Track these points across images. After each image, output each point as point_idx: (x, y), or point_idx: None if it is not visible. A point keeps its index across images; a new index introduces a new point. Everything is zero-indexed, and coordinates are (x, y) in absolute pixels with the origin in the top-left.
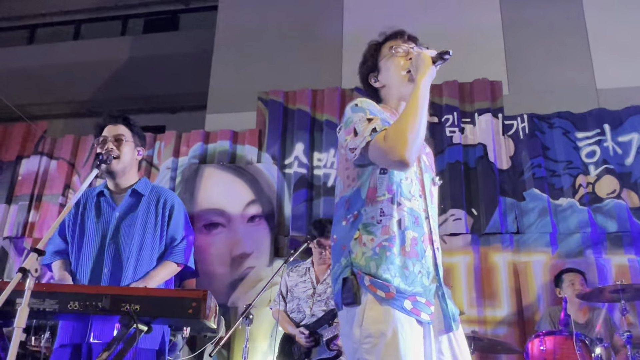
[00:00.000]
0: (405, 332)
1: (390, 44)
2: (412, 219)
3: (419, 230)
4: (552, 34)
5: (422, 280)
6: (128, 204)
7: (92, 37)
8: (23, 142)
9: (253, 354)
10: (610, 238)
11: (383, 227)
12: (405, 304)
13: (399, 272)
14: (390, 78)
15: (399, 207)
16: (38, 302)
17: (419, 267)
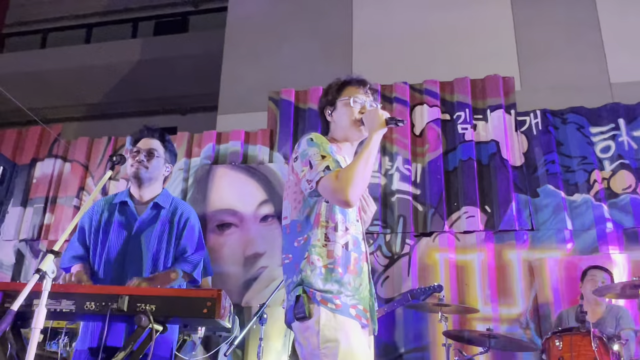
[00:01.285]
0: (355, 335)
1: (352, 90)
2: (354, 240)
3: (358, 251)
4: (564, 28)
5: (362, 292)
6: (149, 215)
7: (103, 40)
8: (37, 145)
9: (267, 353)
10: (627, 234)
11: (328, 251)
12: (350, 311)
13: (344, 287)
14: (342, 120)
15: (346, 232)
16: (55, 303)
17: (359, 282)
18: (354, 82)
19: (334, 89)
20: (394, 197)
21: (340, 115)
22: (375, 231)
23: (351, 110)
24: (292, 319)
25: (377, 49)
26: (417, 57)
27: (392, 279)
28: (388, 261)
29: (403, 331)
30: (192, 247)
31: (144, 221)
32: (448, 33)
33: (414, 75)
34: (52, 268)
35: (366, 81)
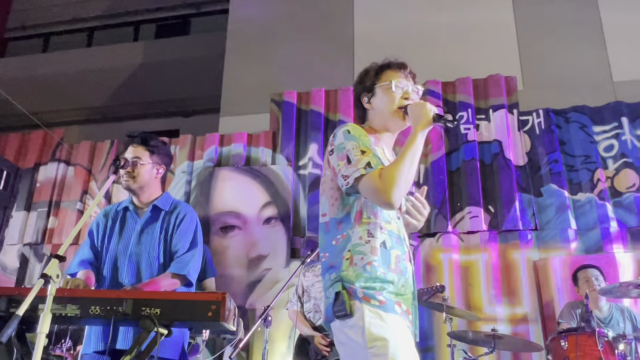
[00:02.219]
0: (403, 332)
1: (392, 74)
2: (394, 239)
3: (401, 249)
4: (566, 27)
5: (406, 292)
6: (149, 218)
7: (105, 44)
8: (40, 149)
9: (272, 355)
10: (631, 232)
11: (372, 248)
12: (396, 308)
13: (387, 286)
14: (382, 108)
15: (382, 230)
16: (60, 307)
17: (403, 282)
18: (393, 66)
19: (372, 73)
20: None
21: (380, 102)
22: None
23: (393, 96)
24: (332, 318)
25: (379, 50)
26: (419, 57)
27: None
28: None
29: None
30: (185, 246)
31: (144, 223)
32: (450, 33)
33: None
34: (56, 273)
35: (406, 64)
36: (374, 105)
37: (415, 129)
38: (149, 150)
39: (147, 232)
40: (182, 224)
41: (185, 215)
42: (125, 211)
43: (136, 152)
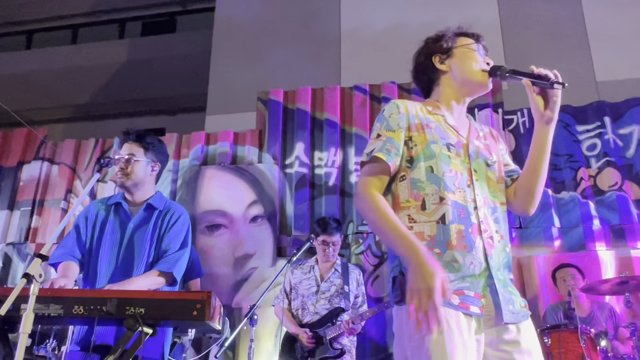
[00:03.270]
0: (451, 328)
1: (471, 40)
2: (457, 211)
3: (465, 222)
4: (550, 27)
5: (474, 271)
6: (142, 216)
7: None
8: (24, 147)
9: (258, 354)
10: (614, 230)
11: (416, 234)
12: (452, 300)
13: (448, 267)
14: (463, 67)
15: (441, 203)
16: (43, 307)
17: (470, 259)
18: (470, 35)
19: (450, 35)
20: None
21: (461, 63)
22: (365, 230)
23: (476, 57)
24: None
25: (366, 49)
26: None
27: (382, 278)
28: (378, 260)
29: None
30: (175, 246)
31: (137, 222)
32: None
33: (402, 75)
34: (39, 272)
35: (482, 36)
36: (451, 66)
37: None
38: (143, 147)
39: (140, 230)
40: (175, 225)
41: (180, 216)
42: (118, 207)
43: (131, 148)
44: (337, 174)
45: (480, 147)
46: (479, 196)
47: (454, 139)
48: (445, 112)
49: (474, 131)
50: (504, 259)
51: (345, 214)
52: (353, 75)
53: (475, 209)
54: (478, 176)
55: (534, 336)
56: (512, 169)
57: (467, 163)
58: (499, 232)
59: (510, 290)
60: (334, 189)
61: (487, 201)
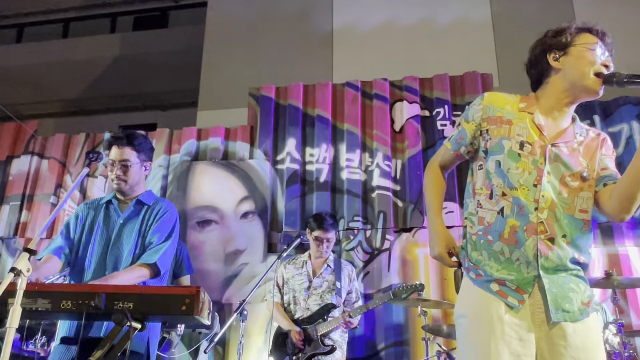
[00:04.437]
0: (490, 313)
1: (592, 38)
2: (517, 208)
3: (522, 219)
4: (541, 24)
5: (520, 268)
6: (131, 212)
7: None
8: (13, 141)
9: (248, 349)
10: (602, 228)
11: (479, 218)
12: (492, 286)
13: (494, 256)
14: (576, 68)
15: (503, 197)
16: (30, 302)
17: (517, 255)
18: (594, 31)
19: (572, 30)
20: (374, 193)
21: (576, 63)
22: (356, 227)
23: (593, 59)
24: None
25: (357, 46)
26: (397, 53)
27: (372, 275)
28: (368, 257)
29: (383, 326)
30: (160, 238)
31: (126, 217)
32: (427, 30)
33: (394, 72)
34: (27, 266)
35: (608, 34)
36: (564, 64)
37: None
38: (136, 150)
39: (129, 225)
40: (161, 218)
41: (167, 211)
42: (108, 204)
43: (124, 153)
44: (328, 170)
45: (564, 152)
46: (544, 197)
47: (534, 138)
48: (539, 110)
49: (569, 135)
50: (570, 262)
51: (336, 210)
52: (345, 71)
53: (536, 209)
54: (550, 178)
55: (592, 334)
56: (607, 174)
57: (541, 164)
58: (567, 238)
59: (572, 287)
60: (325, 185)
61: (557, 205)
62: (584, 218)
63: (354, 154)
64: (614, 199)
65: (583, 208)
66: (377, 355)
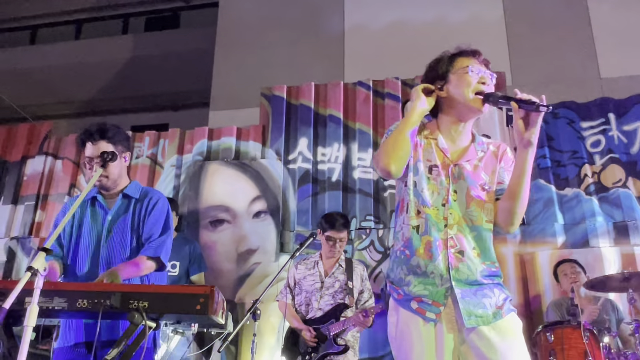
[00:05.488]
0: (410, 331)
1: (466, 61)
2: (430, 225)
3: (434, 235)
4: (554, 23)
5: (435, 281)
6: (119, 207)
7: (94, 37)
8: (28, 142)
9: (261, 349)
10: (617, 227)
11: (402, 234)
12: (412, 304)
13: (413, 270)
14: (458, 93)
15: (418, 215)
16: (47, 300)
17: (432, 268)
18: (467, 53)
19: (445, 60)
20: (386, 193)
21: (456, 89)
22: (368, 226)
23: (469, 81)
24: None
25: (369, 45)
26: (409, 52)
27: (384, 274)
28: (381, 256)
29: None
30: (158, 231)
31: (115, 213)
32: (439, 28)
33: (406, 71)
34: (44, 265)
35: (478, 51)
36: (448, 91)
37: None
38: (111, 143)
39: (119, 221)
40: (154, 210)
41: (158, 201)
42: (94, 201)
43: (99, 148)
44: (340, 170)
45: (466, 169)
46: (452, 215)
47: (439, 161)
48: (440, 135)
49: (470, 153)
50: (480, 272)
51: (348, 209)
52: (356, 71)
53: (445, 226)
54: (457, 197)
55: (509, 333)
56: (501, 188)
57: (447, 184)
58: (476, 250)
59: (486, 293)
60: (337, 185)
61: (465, 220)
62: (490, 228)
63: (366, 154)
64: (499, 213)
65: (489, 219)
66: (390, 354)
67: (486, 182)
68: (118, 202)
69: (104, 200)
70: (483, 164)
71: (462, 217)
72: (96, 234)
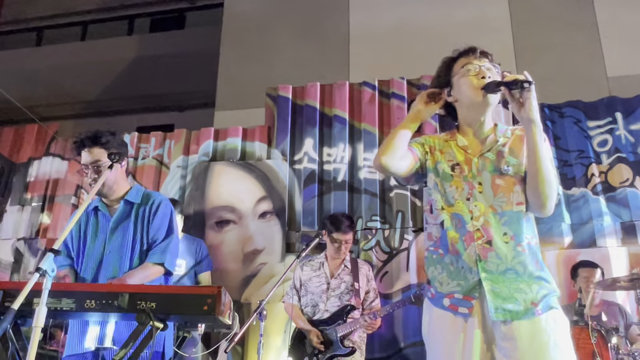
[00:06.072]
0: (441, 328)
1: (463, 61)
2: (455, 221)
3: (460, 231)
4: (561, 22)
5: (466, 275)
6: (121, 213)
7: (99, 38)
8: (34, 143)
9: (267, 349)
10: (624, 227)
11: (428, 234)
12: (444, 302)
13: (446, 268)
14: (464, 95)
15: (443, 211)
16: (55, 301)
17: (462, 263)
18: (462, 54)
19: (444, 68)
20: (392, 193)
21: (459, 91)
22: (374, 227)
23: (469, 80)
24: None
25: (374, 44)
26: (414, 52)
27: (391, 275)
28: (387, 256)
29: (403, 325)
30: (162, 235)
31: (117, 220)
32: (445, 28)
33: (411, 71)
34: (52, 267)
35: (474, 48)
36: (456, 95)
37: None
38: (105, 148)
39: (121, 228)
40: (157, 214)
41: (160, 204)
42: (96, 211)
43: (94, 155)
44: (346, 170)
45: (489, 160)
46: (477, 207)
47: (461, 158)
48: (459, 135)
49: (492, 143)
50: (513, 258)
51: (354, 210)
52: (362, 71)
53: (472, 219)
54: (482, 188)
55: (541, 334)
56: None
57: (470, 178)
58: (508, 234)
59: (521, 287)
60: (343, 185)
61: (493, 208)
62: (522, 210)
63: (371, 154)
64: (528, 195)
65: (519, 201)
66: (397, 355)
67: (511, 167)
68: (120, 208)
69: (105, 208)
70: (507, 149)
71: (490, 206)
72: (101, 242)
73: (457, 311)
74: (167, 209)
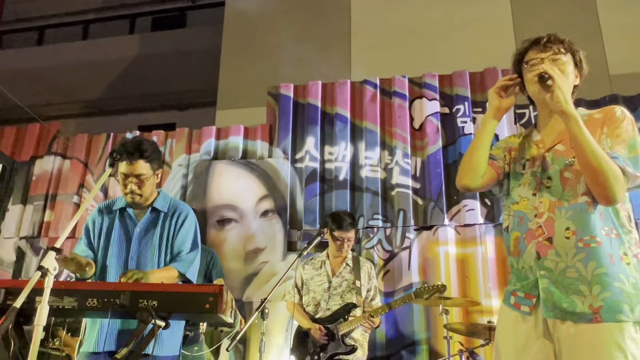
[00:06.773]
0: (504, 325)
1: (530, 55)
2: (517, 220)
3: (522, 229)
4: (562, 19)
5: (527, 274)
6: (148, 220)
7: (101, 37)
8: (36, 142)
9: (269, 348)
10: None
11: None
12: (510, 300)
13: (512, 271)
14: (530, 92)
15: (509, 215)
16: (57, 299)
17: (522, 264)
18: (529, 47)
19: (515, 62)
20: (393, 191)
21: (528, 86)
22: (376, 225)
23: (530, 75)
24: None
25: (376, 43)
26: (416, 50)
27: (392, 273)
28: (388, 255)
29: (404, 324)
30: (188, 246)
31: (144, 227)
32: (447, 26)
33: (413, 69)
34: (53, 265)
35: (539, 39)
36: (528, 90)
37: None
38: (149, 162)
39: (147, 235)
40: (183, 226)
41: (187, 216)
42: (123, 213)
43: (137, 168)
44: (347, 169)
45: (559, 151)
46: (542, 203)
47: (533, 154)
48: (535, 130)
49: (562, 133)
50: (574, 255)
51: (355, 208)
52: (363, 69)
53: (535, 216)
54: (551, 183)
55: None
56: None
57: (539, 173)
58: (570, 229)
59: (581, 289)
60: (345, 184)
61: (560, 203)
62: (586, 200)
63: (373, 152)
64: (589, 187)
65: (584, 191)
66: (398, 354)
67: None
68: (147, 215)
69: (133, 212)
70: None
71: (557, 201)
72: (125, 246)
73: (519, 309)
74: (192, 221)
